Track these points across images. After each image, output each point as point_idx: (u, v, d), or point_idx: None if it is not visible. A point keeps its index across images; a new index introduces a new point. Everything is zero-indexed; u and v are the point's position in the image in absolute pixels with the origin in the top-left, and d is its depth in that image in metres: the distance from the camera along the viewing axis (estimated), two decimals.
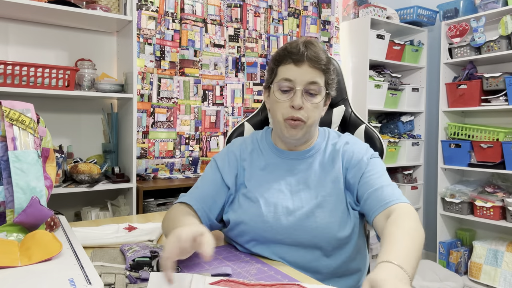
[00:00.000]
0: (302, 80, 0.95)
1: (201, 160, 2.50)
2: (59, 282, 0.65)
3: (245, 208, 0.98)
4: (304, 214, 0.94)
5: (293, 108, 0.95)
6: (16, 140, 0.87)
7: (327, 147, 1.04)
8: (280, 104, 0.97)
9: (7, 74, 1.68)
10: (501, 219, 2.54)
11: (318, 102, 0.97)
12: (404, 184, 2.99)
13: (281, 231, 0.94)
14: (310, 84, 0.96)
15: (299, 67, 0.96)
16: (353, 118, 1.32)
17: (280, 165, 1.03)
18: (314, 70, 0.96)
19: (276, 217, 0.94)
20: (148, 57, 2.28)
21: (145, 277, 0.76)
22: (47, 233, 0.81)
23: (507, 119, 2.72)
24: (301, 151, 1.03)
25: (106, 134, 2.16)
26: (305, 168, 1.01)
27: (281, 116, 0.97)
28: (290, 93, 0.97)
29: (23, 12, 1.84)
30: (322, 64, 0.96)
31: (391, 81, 2.93)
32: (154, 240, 1.04)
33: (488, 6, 2.61)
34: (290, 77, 0.96)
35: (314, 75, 0.96)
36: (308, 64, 0.95)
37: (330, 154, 1.03)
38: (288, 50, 0.98)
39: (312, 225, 0.93)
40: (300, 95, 0.95)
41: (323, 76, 0.98)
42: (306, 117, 0.96)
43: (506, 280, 2.45)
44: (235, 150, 1.07)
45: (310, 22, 2.86)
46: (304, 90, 0.96)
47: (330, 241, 0.93)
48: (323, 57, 0.97)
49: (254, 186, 1.00)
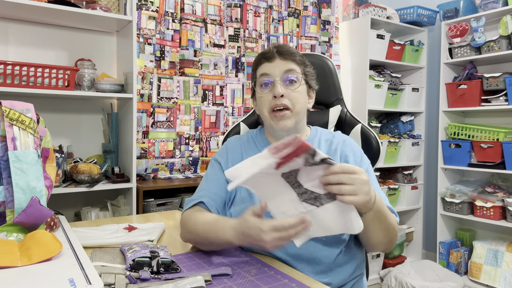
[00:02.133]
0: (278, 71, 1.02)
1: (201, 160, 2.50)
2: (59, 282, 0.65)
3: (247, 203, 1.00)
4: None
5: (275, 98, 1.01)
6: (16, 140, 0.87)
7: (320, 143, 1.08)
8: (263, 98, 1.04)
9: (7, 74, 1.68)
10: (501, 219, 2.54)
11: (298, 88, 1.03)
12: (404, 184, 2.99)
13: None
14: (286, 72, 1.03)
15: (272, 62, 1.04)
16: (348, 118, 1.33)
17: None
18: (287, 61, 1.03)
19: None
20: (148, 57, 2.28)
21: (145, 277, 0.76)
22: (47, 233, 0.81)
23: (507, 119, 2.72)
24: None
25: (106, 134, 2.16)
26: None
27: (266, 110, 1.04)
28: (270, 87, 1.03)
29: (23, 12, 1.84)
30: (294, 56, 1.04)
31: (391, 81, 2.93)
32: (154, 240, 1.04)
33: (488, 6, 2.61)
34: (266, 71, 1.03)
35: (288, 65, 1.03)
36: (280, 58, 1.03)
37: (324, 149, 1.07)
38: (260, 53, 1.08)
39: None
40: (279, 85, 1.01)
41: (298, 66, 1.05)
42: (291, 104, 1.01)
43: (506, 280, 2.45)
44: (232, 148, 1.11)
45: (310, 22, 2.86)
46: (282, 80, 1.02)
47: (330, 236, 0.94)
48: (294, 51, 1.05)
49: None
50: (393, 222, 0.92)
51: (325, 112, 1.34)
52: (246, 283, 0.78)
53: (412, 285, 2.40)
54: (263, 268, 0.86)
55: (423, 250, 3.18)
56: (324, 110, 1.35)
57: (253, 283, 0.78)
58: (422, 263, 2.74)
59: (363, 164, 1.04)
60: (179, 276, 0.79)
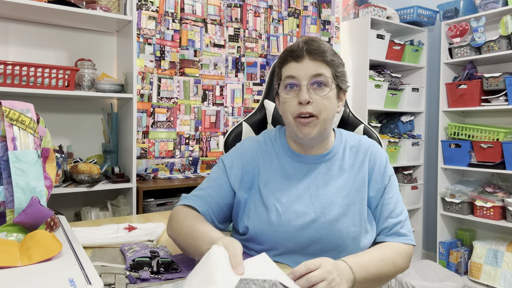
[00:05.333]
0: (305, 74, 0.91)
1: (201, 160, 2.50)
2: (59, 282, 0.65)
3: (264, 216, 0.93)
4: (328, 222, 0.91)
5: (301, 104, 0.91)
6: (16, 140, 0.87)
7: (345, 150, 1.00)
8: (287, 103, 0.94)
9: (7, 74, 1.68)
10: (501, 219, 2.54)
11: (327, 94, 0.92)
12: (404, 184, 2.99)
13: (303, 240, 0.90)
14: (315, 76, 0.91)
15: (300, 62, 0.92)
16: (351, 118, 1.32)
17: (297, 169, 0.98)
18: (317, 62, 0.92)
19: (298, 226, 0.90)
20: (148, 57, 2.28)
21: (145, 277, 0.76)
22: (47, 233, 0.81)
23: (507, 119, 2.72)
24: (318, 155, 0.99)
25: (106, 134, 2.16)
26: (323, 173, 0.97)
27: (290, 115, 0.93)
28: (296, 90, 0.93)
29: (23, 12, 1.84)
30: (325, 56, 0.92)
31: (391, 81, 2.93)
32: (154, 240, 1.04)
33: (488, 6, 2.61)
34: (293, 73, 0.92)
35: (317, 67, 0.92)
36: (309, 57, 0.92)
37: (349, 157, 0.99)
38: (288, 50, 0.95)
39: (336, 234, 0.90)
40: (305, 89, 0.91)
41: (329, 68, 0.93)
42: (318, 111, 0.91)
43: (506, 280, 2.45)
44: (246, 152, 1.01)
45: (310, 22, 2.86)
46: (309, 84, 0.91)
47: (354, 250, 0.90)
48: (325, 49, 0.93)
49: (271, 192, 0.95)
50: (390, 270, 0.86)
51: None
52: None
53: (412, 285, 2.40)
54: None
55: (423, 250, 3.18)
56: None
57: None
58: (422, 263, 2.74)
59: (386, 176, 0.98)
60: (179, 276, 0.79)
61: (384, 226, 0.95)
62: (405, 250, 0.92)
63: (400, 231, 0.94)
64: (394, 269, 0.87)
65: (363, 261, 0.82)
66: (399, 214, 0.96)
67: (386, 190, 0.97)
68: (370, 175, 0.97)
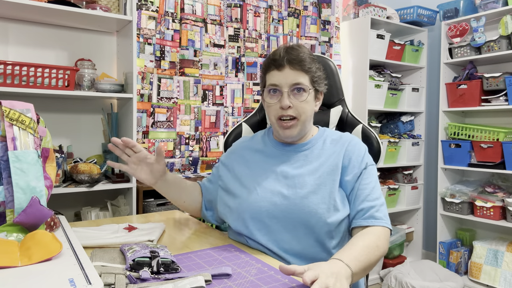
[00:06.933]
0: (286, 83, 1.05)
1: (201, 160, 2.50)
2: (59, 282, 0.65)
3: (244, 196, 1.07)
4: (298, 198, 1.02)
5: (282, 109, 1.05)
6: (16, 140, 0.87)
7: (325, 141, 1.12)
8: (271, 107, 1.09)
9: (7, 74, 1.68)
10: (501, 219, 2.54)
11: (305, 99, 1.06)
12: (404, 184, 2.99)
13: (277, 214, 1.02)
14: (294, 85, 1.05)
15: (281, 71, 1.05)
16: (350, 118, 1.33)
17: (278, 156, 1.12)
18: (296, 71, 1.05)
19: (272, 202, 1.03)
20: (148, 57, 2.28)
21: (145, 277, 0.76)
22: (47, 233, 0.81)
23: (507, 119, 2.72)
24: (298, 144, 1.13)
25: (106, 134, 2.16)
26: (302, 159, 1.09)
27: (274, 117, 1.09)
28: (278, 95, 1.07)
29: (23, 12, 1.84)
30: (303, 64, 1.05)
31: (391, 81, 2.93)
32: (154, 240, 1.04)
33: (488, 6, 2.61)
34: (275, 82, 1.06)
35: (296, 76, 1.05)
36: (289, 67, 1.05)
37: (329, 147, 1.10)
38: (271, 58, 1.08)
39: (305, 209, 1.00)
40: (286, 96, 1.05)
41: (307, 75, 1.06)
42: (298, 114, 1.06)
43: (506, 280, 2.45)
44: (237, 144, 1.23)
45: (310, 22, 2.86)
46: (290, 90, 1.05)
47: (322, 226, 0.99)
48: (304, 57, 1.06)
49: (252, 176, 1.10)
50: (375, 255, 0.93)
51: (326, 112, 1.35)
52: (246, 283, 0.78)
53: (412, 285, 2.40)
54: (263, 268, 0.86)
55: (423, 250, 3.18)
56: (325, 111, 1.36)
57: (253, 283, 0.78)
58: (422, 263, 2.74)
59: (363, 163, 1.07)
60: (179, 276, 0.79)
61: (360, 208, 1.02)
62: (383, 234, 0.99)
63: (375, 214, 1.01)
64: (379, 253, 0.94)
65: (352, 253, 0.88)
66: (375, 199, 1.03)
67: (362, 176, 1.05)
68: (348, 162, 1.06)
